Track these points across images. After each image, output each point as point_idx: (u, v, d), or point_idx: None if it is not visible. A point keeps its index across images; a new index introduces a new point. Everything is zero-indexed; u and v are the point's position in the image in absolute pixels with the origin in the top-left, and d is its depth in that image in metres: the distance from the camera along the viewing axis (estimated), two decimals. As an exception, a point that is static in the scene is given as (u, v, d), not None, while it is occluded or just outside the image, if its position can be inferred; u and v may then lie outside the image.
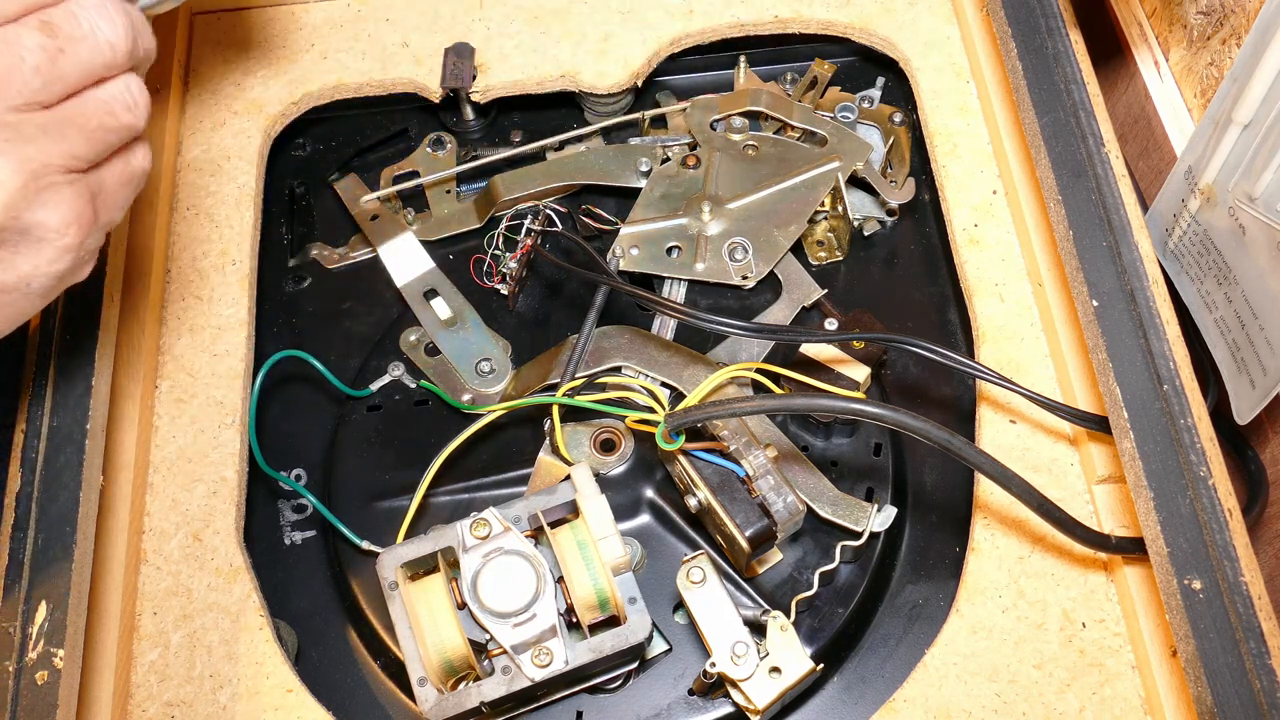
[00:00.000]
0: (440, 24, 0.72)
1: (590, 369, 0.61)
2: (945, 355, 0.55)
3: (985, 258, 0.64)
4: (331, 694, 0.55)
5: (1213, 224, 0.57)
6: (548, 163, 0.71)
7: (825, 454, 0.61)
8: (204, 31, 0.73)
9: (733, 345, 0.63)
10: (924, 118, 0.69)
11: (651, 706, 0.55)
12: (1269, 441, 0.62)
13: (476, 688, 0.50)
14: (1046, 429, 0.59)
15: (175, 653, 0.54)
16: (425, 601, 0.51)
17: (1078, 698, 0.52)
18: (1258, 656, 0.45)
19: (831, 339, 0.59)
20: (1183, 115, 0.66)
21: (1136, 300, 0.53)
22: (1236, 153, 0.54)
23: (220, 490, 0.58)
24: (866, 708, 0.54)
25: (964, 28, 0.71)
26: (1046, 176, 0.57)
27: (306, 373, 0.64)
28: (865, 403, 0.48)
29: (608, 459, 0.60)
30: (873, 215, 0.69)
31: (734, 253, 0.65)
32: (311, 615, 0.58)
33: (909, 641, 0.56)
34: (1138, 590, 0.53)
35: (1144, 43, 0.69)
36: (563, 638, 0.50)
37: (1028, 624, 0.54)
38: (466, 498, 0.60)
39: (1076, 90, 0.59)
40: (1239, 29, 0.60)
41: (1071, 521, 0.50)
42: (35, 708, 0.45)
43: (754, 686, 0.50)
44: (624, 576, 0.51)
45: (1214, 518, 0.47)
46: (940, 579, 0.58)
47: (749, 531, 0.52)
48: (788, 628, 0.52)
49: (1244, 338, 0.56)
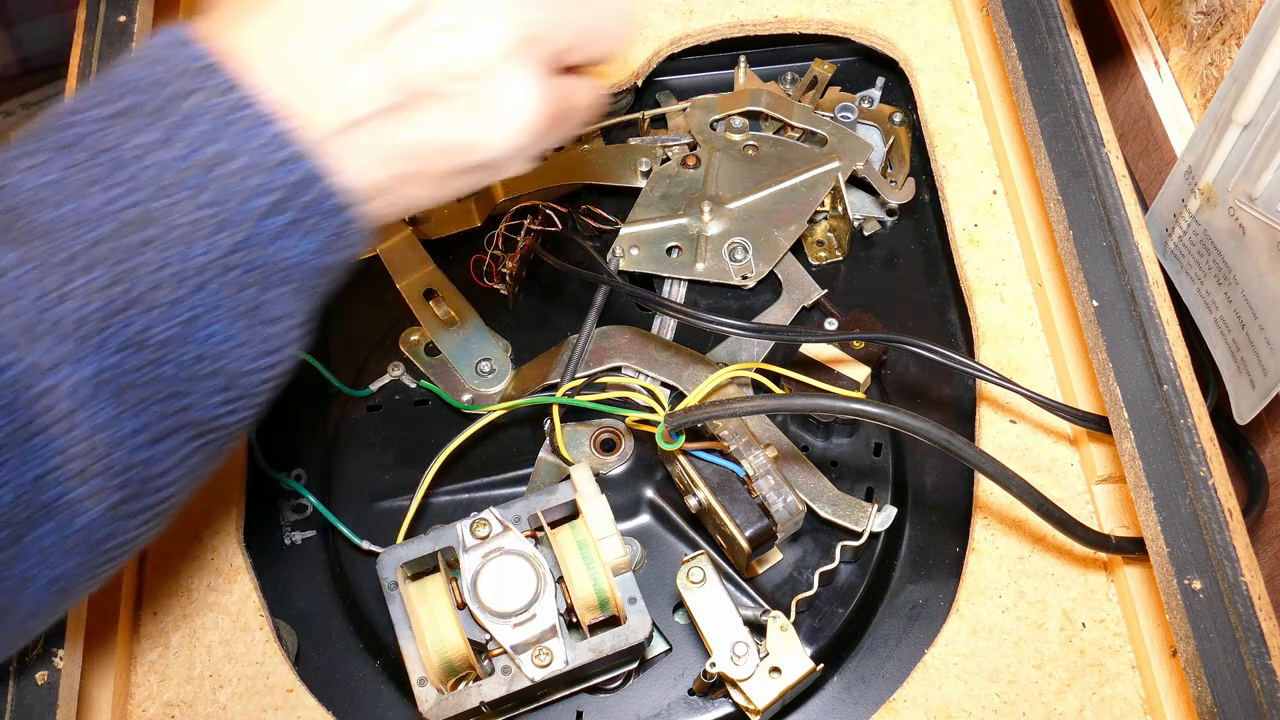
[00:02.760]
0: (440, 24, 0.72)
1: (590, 369, 0.61)
2: (945, 355, 0.55)
3: (985, 258, 0.64)
4: (331, 694, 0.55)
5: (1213, 224, 0.57)
6: (547, 162, 0.70)
7: (825, 454, 0.61)
8: (204, 31, 0.73)
9: (733, 345, 0.63)
10: (924, 118, 0.69)
11: (651, 706, 0.55)
12: (1269, 441, 0.62)
13: (476, 688, 0.50)
14: (1046, 429, 0.59)
15: (175, 653, 0.54)
16: (425, 601, 0.51)
17: (1078, 698, 0.52)
18: (1258, 656, 0.45)
19: (831, 339, 0.59)
20: (1183, 115, 0.66)
21: (1136, 300, 0.53)
22: (1236, 153, 0.54)
23: (220, 490, 0.58)
24: (866, 708, 0.54)
25: (964, 28, 0.71)
26: (1046, 176, 0.57)
27: (306, 372, 0.64)
28: (865, 403, 0.48)
29: (608, 459, 0.60)
30: (873, 215, 0.69)
31: (734, 253, 0.65)
32: (311, 615, 0.58)
33: (909, 641, 0.56)
34: (1138, 590, 0.53)
35: (1144, 43, 0.69)
36: (563, 638, 0.50)
37: (1028, 624, 0.54)
38: (466, 498, 0.60)
39: (1076, 90, 0.59)
40: (1239, 29, 0.60)
41: (1071, 521, 0.50)
42: (35, 708, 0.45)
43: (754, 686, 0.50)
44: (624, 576, 0.51)
45: (1214, 518, 0.47)
46: (940, 579, 0.58)
47: (749, 531, 0.52)
48: (788, 628, 0.52)
49: (1244, 338, 0.56)
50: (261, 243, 0.38)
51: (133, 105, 0.37)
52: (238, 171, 0.37)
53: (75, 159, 0.36)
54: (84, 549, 0.39)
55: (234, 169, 0.37)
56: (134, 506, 0.39)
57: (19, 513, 0.37)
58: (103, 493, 0.38)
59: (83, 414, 0.36)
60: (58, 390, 0.36)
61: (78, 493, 0.37)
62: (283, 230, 0.38)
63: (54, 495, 0.37)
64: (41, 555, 0.38)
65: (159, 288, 0.36)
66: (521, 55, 0.39)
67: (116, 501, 0.38)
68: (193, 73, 0.37)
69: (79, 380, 0.36)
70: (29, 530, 0.37)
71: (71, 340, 0.36)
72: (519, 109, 0.40)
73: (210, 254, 0.37)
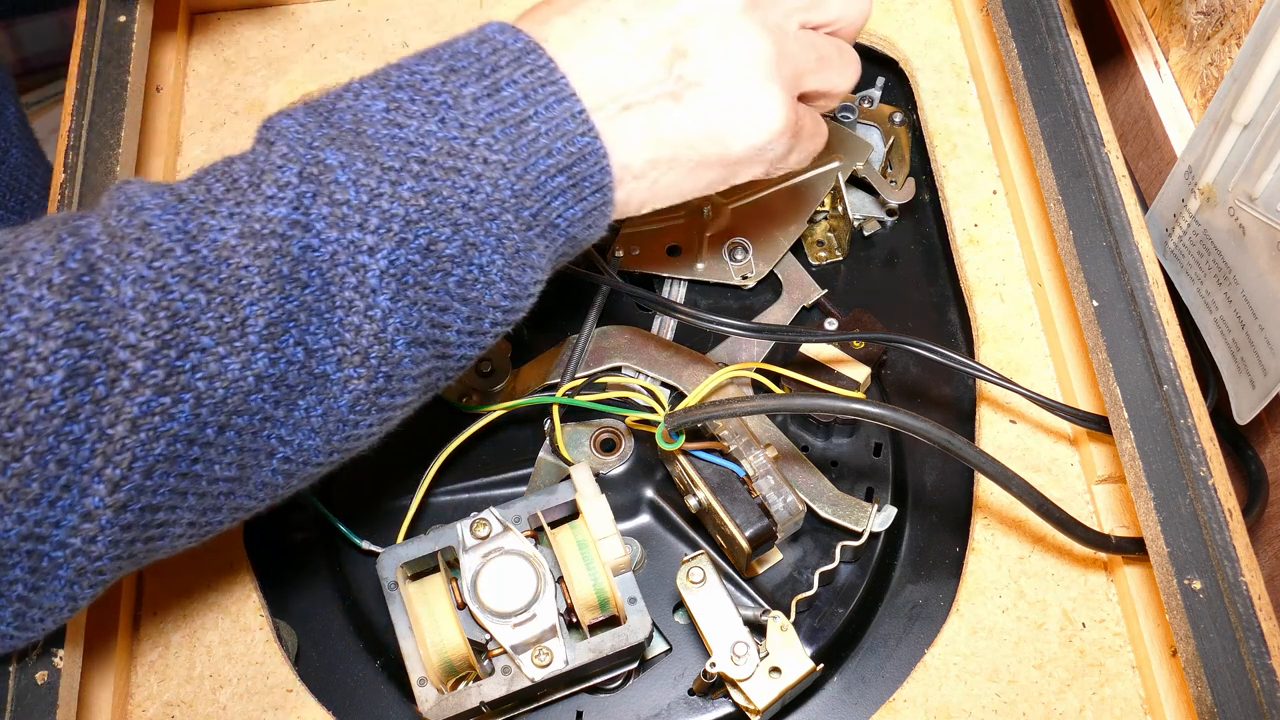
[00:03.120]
0: (440, 24, 0.72)
1: (590, 369, 0.61)
2: (945, 355, 0.55)
3: (985, 258, 0.64)
4: (331, 694, 0.55)
5: (1213, 224, 0.57)
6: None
7: (825, 454, 0.61)
8: (204, 31, 0.73)
9: (733, 345, 0.63)
10: (924, 117, 0.69)
11: (651, 706, 0.55)
12: (1269, 441, 0.62)
13: (476, 688, 0.50)
14: (1046, 429, 0.59)
15: (175, 652, 0.54)
16: (425, 601, 0.51)
17: (1078, 698, 0.52)
18: (1258, 656, 0.45)
19: (831, 339, 0.59)
20: (1183, 115, 0.66)
21: (1136, 300, 0.53)
22: (1236, 153, 0.54)
23: (220, 490, 0.58)
24: (866, 708, 0.54)
25: (964, 28, 0.71)
26: (1046, 176, 0.57)
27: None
28: (865, 403, 0.48)
29: (608, 459, 0.60)
30: (873, 215, 0.69)
31: (734, 253, 0.65)
32: (311, 615, 0.58)
33: (909, 641, 0.56)
34: (1138, 590, 0.53)
35: (1144, 43, 0.69)
36: (563, 638, 0.50)
37: (1028, 624, 0.54)
38: (466, 498, 0.60)
39: (1076, 90, 0.59)
40: (1239, 29, 0.60)
41: (1071, 521, 0.50)
42: (35, 708, 0.45)
43: (754, 686, 0.50)
44: (624, 576, 0.51)
45: (1214, 518, 0.47)
46: (940, 579, 0.58)
47: (749, 531, 0.52)
48: (788, 628, 0.52)
49: (1244, 338, 0.56)
50: (542, 198, 0.44)
51: (462, 66, 0.45)
52: (537, 132, 0.44)
53: (412, 96, 0.44)
54: (327, 431, 0.44)
55: (534, 129, 0.44)
56: (379, 402, 0.44)
57: (297, 378, 0.42)
58: (364, 379, 0.43)
59: (379, 297, 0.42)
60: (368, 270, 0.42)
61: (348, 372, 0.43)
62: (559, 191, 0.45)
63: (329, 368, 0.42)
64: (294, 426, 0.43)
65: (457, 209, 0.43)
66: (775, 68, 0.47)
67: (369, 391, 0.44)
68: (514, 51, 0.45)
69: (384, 267, 0.42)
70: (299, 398, 0.43)
71: (382, 231, 0.42)
72: (767, 112, 0.47)
73: (502, 193, 0.43)
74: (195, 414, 0.40)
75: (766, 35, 0.47)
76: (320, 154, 0.42)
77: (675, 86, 0.46)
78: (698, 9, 0.47)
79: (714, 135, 0.47)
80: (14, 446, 0.37)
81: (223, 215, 0.41)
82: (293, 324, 0.41)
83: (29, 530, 0.39)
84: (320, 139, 0.43)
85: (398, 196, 0.42)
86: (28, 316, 0.38)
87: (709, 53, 0.46)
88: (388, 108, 0.44)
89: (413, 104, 0.44)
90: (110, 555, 0.41)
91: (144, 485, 0.40)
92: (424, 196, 0.42)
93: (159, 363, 0.39)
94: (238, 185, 0.42)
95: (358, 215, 0.42)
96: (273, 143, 0.43)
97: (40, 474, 0.38)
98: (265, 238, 0.41)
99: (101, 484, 0.39)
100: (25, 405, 0.37)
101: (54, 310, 0.38)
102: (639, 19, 0.46)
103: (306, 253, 0.41)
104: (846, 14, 0.51)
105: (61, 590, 0.41)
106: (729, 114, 0.47)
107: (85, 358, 0.38)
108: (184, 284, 0.40)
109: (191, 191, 0.42)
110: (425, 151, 0.43)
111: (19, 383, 0.37)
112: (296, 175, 0.42)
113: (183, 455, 0.41)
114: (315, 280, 0.42)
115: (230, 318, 0.40)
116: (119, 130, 0.58)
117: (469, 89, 0.44)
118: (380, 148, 0.43)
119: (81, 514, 0.39)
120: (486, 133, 0.43)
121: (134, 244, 0.40)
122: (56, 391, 0.38)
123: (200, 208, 0.42)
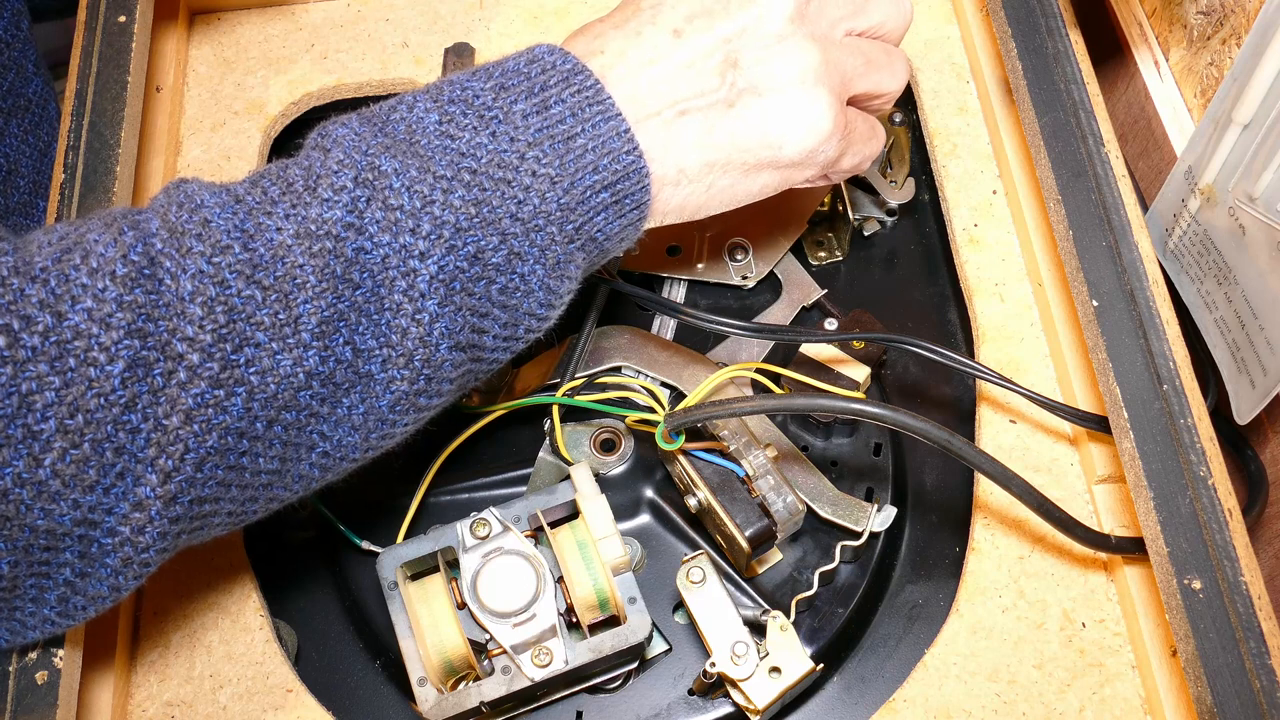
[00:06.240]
0: (440, 24, 0.72)
1: (590, 369, 0.61)
2: (945, 355, 0.55)
3: (985, 258, 0.64)
4: (331, 694, 0.55)
5: (1213, 224, 0.57)
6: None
7: (825, 454, 0.61)
8: (204, 31, 0.73)
9: (733, 345, 0.63)
10: (924, 117, 0.69)
11: (651, 706, 0.55)
12: (1269, 441, 0.62)
13: (476, 688, 0.50)
14: (1046, 429, 0.59)
15: (175, 652, 0.54)
16: (425, 601, 0.51)
17: (1078, 698, 0.52)
18: (1258, 656, 0.45)
19: (831, 339, 0.59)
20: (1183, 115, 0.66)
21: (1136, 300, 0.53)
22: (1236, 153, 0.54)
23: (220, 490, 0.58)
24: (866, 708, 0.54)
25: (964, 27, 0.71)
26: (1046, 176, 0.57)
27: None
28: (865, 403, 0.48)
29: (608, 459, 0.60)
30: (873, 215, 0.69)
31: (734, 253, 0.65)
32: (311, 615, 0.58)
33: (909, 641, 0.56)
34: (1138, 590, 0.53)
35: (1144, 43, 0.69)
36: (563, 638, 0.50)
37: (1028, 624, 0.54)
38: (466, 498, 0.60)
39: (1076, 90, 0.59)
40: (1239, 29, 0.60)
41: (1071, 521, 0.50)
42: (35, 708, 0.45)
43: (754, 686, 0.50)
44: (624, 576, 0.51)
45: (1214, 518, 0.47)
46: (940, 579, 0.58)
47: (749, 531, 0.52)
48: (788, 628, 0.52)
49: (1244, 338, 0.56)
50: (586, 212, 0.46)
51: (512, 84, 0.46)
52: (584, 149, 0.45)
53: (464, 110, 0.45)
54: (366, 429, 0.45)
55: (581, 145, 0.45)
56: (418, 402, 0.46)
57: (344, 376, 0.43)
58: (407, 380, 0.44)
59: (428, 302, 0.43)
60: (418, 274, 0.43)
61: (392, 373, 0.44)
62: (603, 206, 0.46)
63: (374, 368, 0.44)
64: (336, 423, 0.44)
65: (505, 219, 0.44)
66: (823, 74, 0.49)
67: (410, 392, 0.45)
68: (563, 71, 0.47)
69: (434, 272, 0.43)
70: (344, 396, 0.44)
71: (433, 237, 0.43)
72: (816, 116, 0.49)
73: (549, 206, 0.45)
74: (247, 408, 0.41)
75: (813, 44, 0.49)
76: (375, 160, 0.43)
77: (728, 94, 0.48)
78: (747, 21, 0.48)
79: (766, 139, 0.49)
80: (74, 434, 0.38)
81: (279, 216, 0.42)
82: (343, 324, 0.42)
83: (83, 516, 0.39)
84: (375, 147, 0.44)
85: (449, 204, 0.43)
86: (91, 307, 0.38)
87: (760, 62, 0.48)
88: (440, 120, 0.45)
89: (465, 117, 0.45)
90: (156, 546, 0.42)
91: (194, 477, 0.41)
92: (474, 205, 0.44)
93: (215, 356, 0.40)
94: (294, 188, 0.43)
95: (410, 220, 0.43)
96: (328, 149, 0.44)
97: (98, 461, 0.39)
98: (320, 238, 0.42)
99: (154, 474, 0.40)
100: (87, 394, 0.38)
101: (117, 301, 0.39)
102: (691, 31, 0.48)
103: (360, 255, 0.42)
104: (890, 18, 0.53)
105: (107, 579, 0.42)
106: (780, 119, 0.48)
107: (145, 349, 0.39)
108: (241, 280, 0.41)
109: (248, 193, 0.43)
110: (476, 162, 0.44)
111: (81, 371, 0.38)
112: (352, 180, 0.43)
113: (232, 448, 0.42)
114: (367, 282, 0.43)
115: (284, 315, 0.41)
116: (119, 130, 0.58)
117: (519, 105, 0.45)
118: (433, 157, 0.44)
119: (133, 503, 0.40)
120: (535, 147, 0.45)
121: (194, 239, 0.41)
122: (117, 381, 0.38)
123: (257, 208, 0.43)
